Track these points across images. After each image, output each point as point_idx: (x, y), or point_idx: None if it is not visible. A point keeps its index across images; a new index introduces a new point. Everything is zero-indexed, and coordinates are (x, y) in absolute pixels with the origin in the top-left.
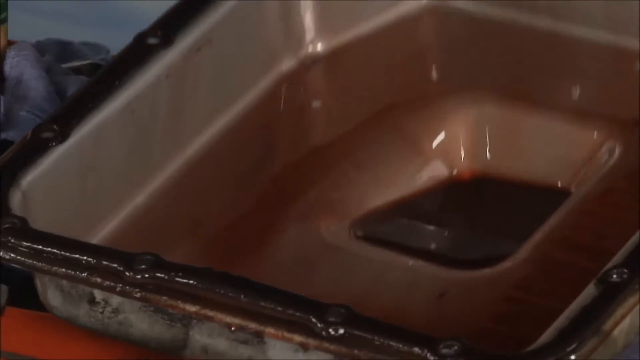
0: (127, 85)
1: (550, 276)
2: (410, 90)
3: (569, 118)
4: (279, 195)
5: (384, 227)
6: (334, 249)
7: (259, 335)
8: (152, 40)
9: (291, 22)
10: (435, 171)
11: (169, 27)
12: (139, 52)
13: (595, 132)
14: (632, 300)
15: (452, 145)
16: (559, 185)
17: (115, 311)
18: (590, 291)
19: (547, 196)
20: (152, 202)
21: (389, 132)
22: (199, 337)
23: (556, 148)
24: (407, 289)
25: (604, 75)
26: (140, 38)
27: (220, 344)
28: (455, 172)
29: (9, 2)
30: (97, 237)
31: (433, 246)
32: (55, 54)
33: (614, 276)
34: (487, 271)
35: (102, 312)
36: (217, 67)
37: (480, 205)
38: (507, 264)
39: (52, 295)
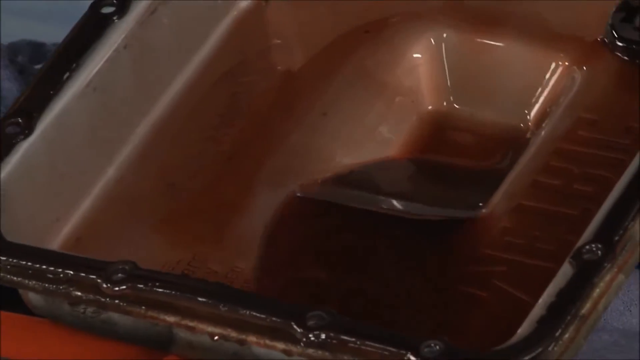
0: (86, 63)
1: (525, 228)
2: (372, 19)
3: (532, 42)
4: (249, 149)
5: (352, 184)
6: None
7: (242, 343)
8: (106, 10)
9: None
10: (400, 112)
11: None
12: (94, 25)
13: (558, 58)
14: (608, 277)
15: (414, 82)
16: (525, 120)
17: (97, 311)
18: (565, 271)
19: (513, 135)
20: (124, 172)
21: (354, 73)
22: (184, 334)
23: (518, 78)
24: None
25: None
26: (95, 7)
27: (206, 340)
28: (419, 111)
29: None
30: (75, 218)
31: (402, 203)
32: (28, 55)
33: (588, 254)
34: (459, 229)
35: (83, 312)
36: (175, 23)
37: (445, 152)
38: (478, 218)
39: (33, 296)
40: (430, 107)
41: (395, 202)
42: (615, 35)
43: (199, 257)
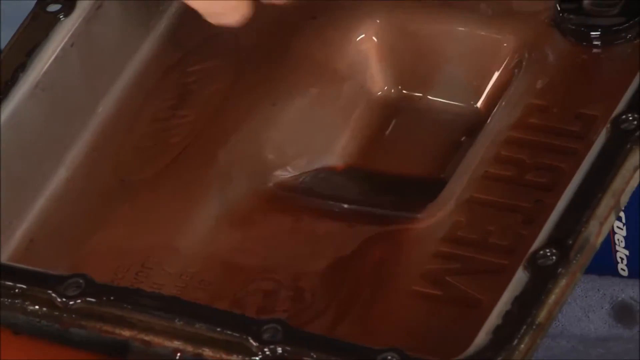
0: (34, 64)
1: (478, 222)
2: (319, 4)
3: (481, 27)
4: (201, 141)
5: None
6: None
7: (198, 356)
8: (52, 8)
9: None
10: (349, 98)
11: None
12: (41, 24)
13: (507, 42)
14: (564, 283)
15: (363, 67)
16: (474, 107)
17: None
18: (520, 278)
19: (463, 122)
20: (75, 172)
21: (302, 60)
22: (140, 343)
23: (467, 63)
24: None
25: None
26: (41, 6)
27: (162, 350)
28: (368, 97)
29: None
30: (28, 220)
31: (352, 207)
32: None
33: (542, 259)
34: (410, 222)
35: (39, 322)
36: (120, 17)
37: (395, 142)
38: (429, 212)
39: None
40: (379, 93)
41: (345, 206)
42: (564, 17)
43: (153, 258)
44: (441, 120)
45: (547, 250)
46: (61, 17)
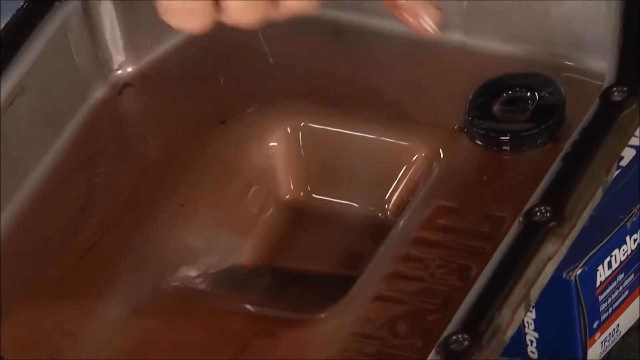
0: None
1: (387, 319)
2: (228, 109)
3: (390, 131)
4: (108, 241)
5: (213, 276)
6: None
7: None
8: None
9: (98, 47)
10: (258, 202)
11: None
12: None
13: (416, 146)
14: None
15: (271, 171)
16: (383, 209)
17: None
18: None
19: (372, 224)
20: None
21: (211, 163)
22: None
23: (377, 167)
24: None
25: (422, 78)
26: None
27: None
28: (276, 201)
29: None
30: None
31: (263, 294)
32: None
33: (454, 344)
34: (317, 320)
35: None
36: (32, 114)
37: (303, 244)
38: (337, 310)
39: None
40: (287, 197)
41: (252, 304)
42: (473, 122)
43: (61, 350)
44: (350, 224)
45: (460, 336)
46: None
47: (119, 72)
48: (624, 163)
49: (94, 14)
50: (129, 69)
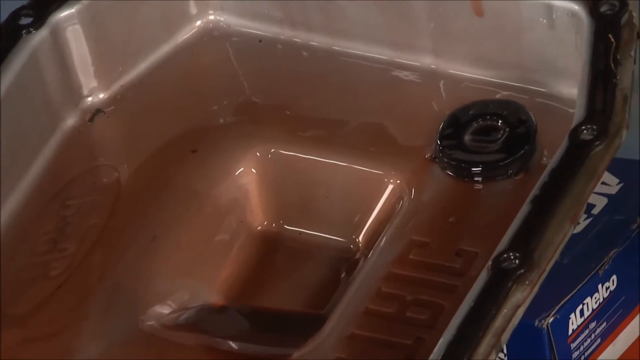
0: None
1: (359, 358)
2: (199, 137)
3: (361, 161)
4: (80, 275)
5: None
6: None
7: None
8: None
9: (69, 75)
10: (229, 232)
11: None
12: None
13: (388, 177)
14: None
15: (243, 201)
16: (355, 242)
17: None
18: None
19: (344, 257)
20: None
21: (182, 193)
22: None
23: (348, 197)
24: None
25: (393, 103)
26: None
27: None
28: (248, 231)
29: None
30: None
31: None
32: None
33: None
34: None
35: None
36: (8, 141)
37: (273, 278)
38: (309, 349)
39: None
40: (259, 228)
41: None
42: (444, 153)
43: None
44: (322, 255)
45: None
46: None
47: (90, 98)
48: (595, 211)
49: (63, 42)
50: (101, 95)
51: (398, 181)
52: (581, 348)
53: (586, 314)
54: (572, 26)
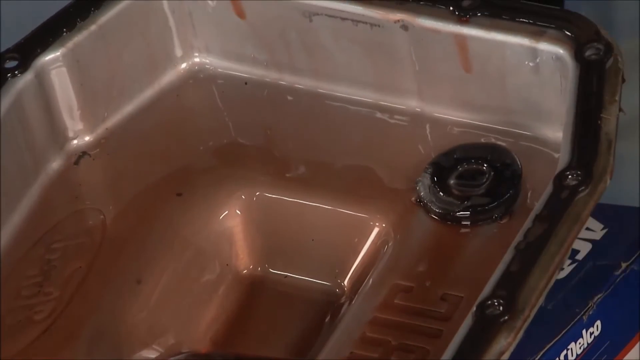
0: None
1: None
2: (184, 181)
3: (346, 204)
4: (65, 320)
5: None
6: None
7: None
8: None
9: (54, 118)
10: (214, 276)
11: None
12: None
13: (373, 221)
14: None
15: (228, 244)
16: (340, 286)
17: None
18: None
19: (329, 301)
20: None
21: (167, 237)
22: None
23: (333, 241)
24: None
25: (378, 146)
26: None
27: None
28: (233, 275)
29: None
30: None
31: None
32: None
33: None
34: None
35: None
36: None
37: (258, 323)
38: None
39: None
40: (244, 271)
41: None
42: (429, 197)
43: None
44: (307, 299)
45: None
46: None
47: (75, 141)
48: (580, 257)
49: (48, 85)
50: (86, 138)
51: (383, 225)
52: None
53: (570, 359)
54: (557, 70)
